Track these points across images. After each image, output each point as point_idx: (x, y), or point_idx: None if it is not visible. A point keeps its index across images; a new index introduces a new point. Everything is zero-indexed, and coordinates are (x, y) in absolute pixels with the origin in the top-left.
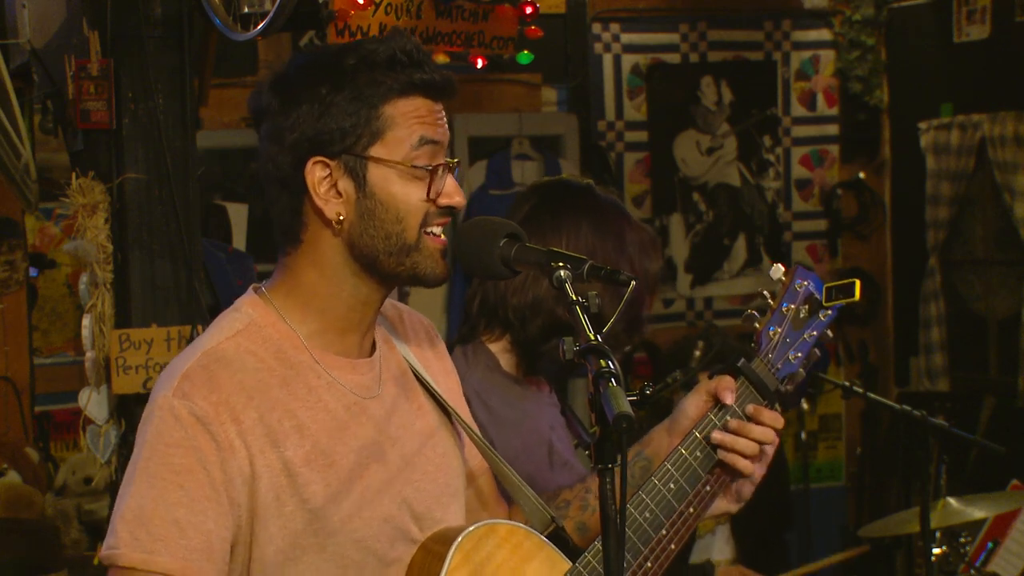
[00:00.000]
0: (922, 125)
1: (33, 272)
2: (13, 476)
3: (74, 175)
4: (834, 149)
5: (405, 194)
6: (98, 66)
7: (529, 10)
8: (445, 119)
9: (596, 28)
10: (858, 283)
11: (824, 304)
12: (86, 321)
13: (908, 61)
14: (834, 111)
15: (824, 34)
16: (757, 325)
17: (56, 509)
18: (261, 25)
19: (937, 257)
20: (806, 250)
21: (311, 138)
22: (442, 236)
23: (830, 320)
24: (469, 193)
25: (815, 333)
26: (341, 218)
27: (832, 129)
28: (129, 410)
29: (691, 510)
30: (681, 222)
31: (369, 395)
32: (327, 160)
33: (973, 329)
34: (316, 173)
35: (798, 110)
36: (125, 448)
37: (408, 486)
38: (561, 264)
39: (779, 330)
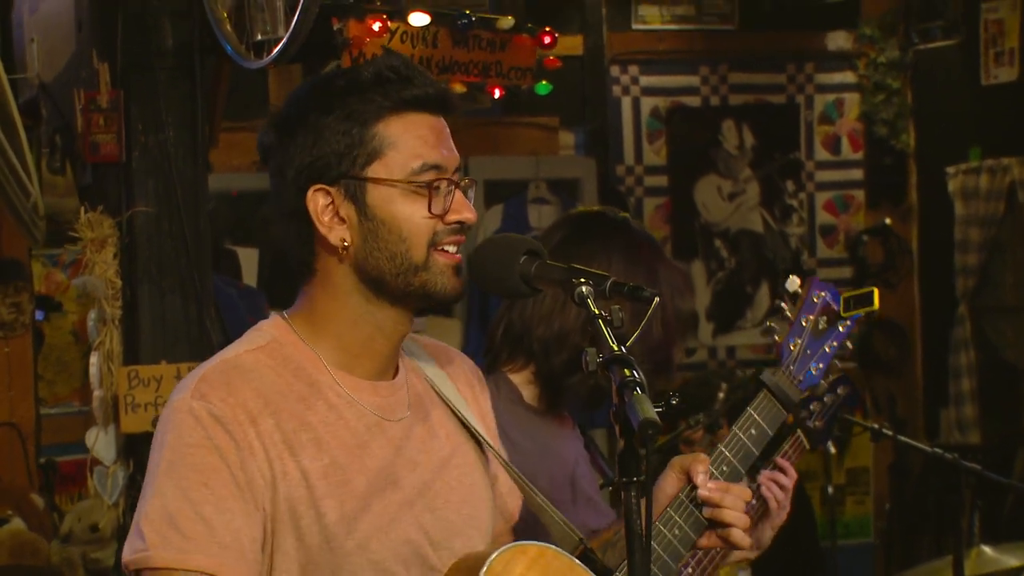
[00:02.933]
0: (950, 169)
1: (39, 315)
2: (18, 523)
3: (82, 209)
4: (859, 194)
5: (407, 213)
6: (108, 98)
7: (547, 40)
8: (448, 135)
9: (614, 70)
10: (875, 291)
11: (842, 315)
12: (94, 359)
13: (935, 104)
14: (859, 155)
15: (848, 77)
16: (777, 338)
17: (62, 557)
18: (274, 52)
19: (967, 304)
20: None
21: (309, 166)
22: (456, 253)
23: (849, 330)
24: (485, 235)
25: (835, 344)
26: (346, 243)
27: (857, 174)
28: (137, 450)
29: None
30: (703, 269)
31: (390, 417)
32: (327, 187)
33: (1005, 378)
34: (318, 201)
35: (822, 154)
36: (133, 489)
37: (427, 512)
38: (583, 280)
39: (799, 342)
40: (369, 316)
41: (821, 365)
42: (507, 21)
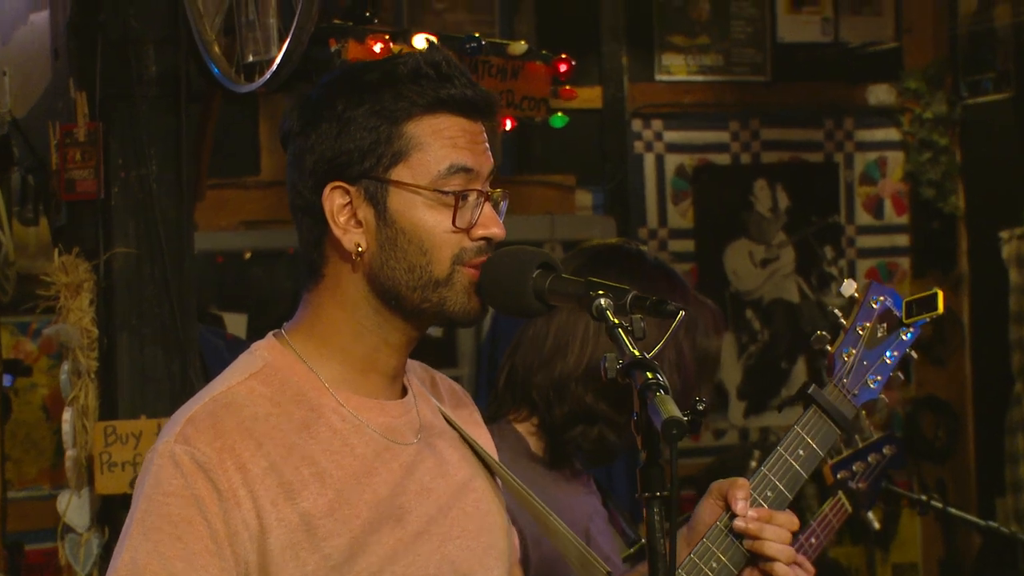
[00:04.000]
0: (1003, 234)
1: (7, 380)
2: None
3: (56, 252)
4: (904, 262)
5: (430, 223)
6: (85, 130)
7: (563, 68)
8: (486, 142)
9: (636, 125)
10: (940, 293)
11: (904, 321)
12: (67, 415)
13: (986, 163)
14: (904, 219)
15: (891, 133)
16: (828, 347)
17: None
18: (267, 73)
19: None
20: None
21: (329, 160)
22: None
23: (912, 339)
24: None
25: (896, 354)
26: (361, 249)
27: (902, 239)
28: (114, 515)
29: None
30: (733, 342)
31: (400, 440)
32: (346, 186)
33: None
34: (335, 200)
35: (863, 218)
36: (108, 558)
37: (449, 543)
38: (601, 292)
39: (854, 352)
40: (377, 329)
41: (879, 377)
42: (519, 46)
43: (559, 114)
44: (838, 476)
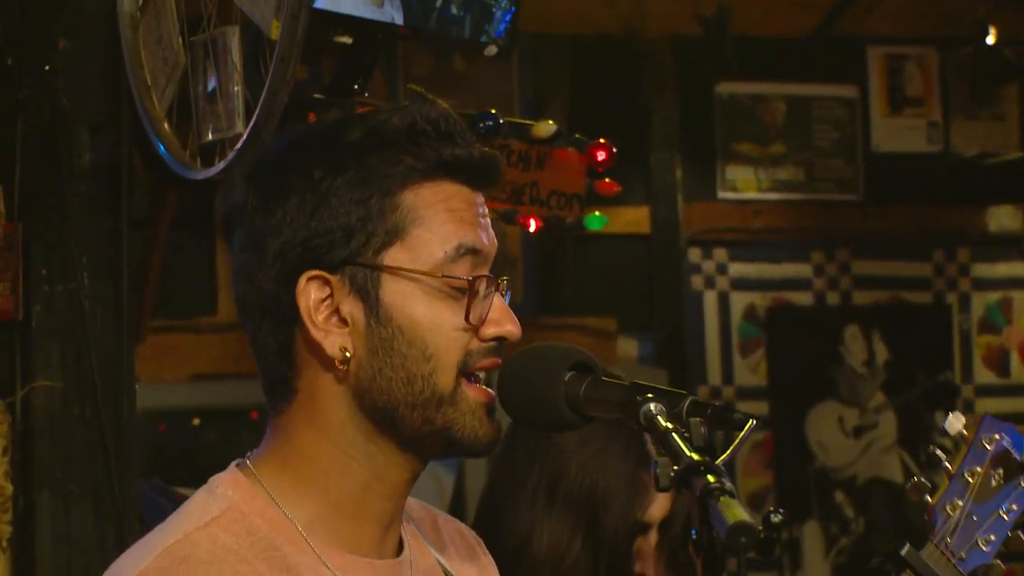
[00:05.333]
0: None
1: None
2: None
3: None
4: None
5: (435, 319)
6: (2, 233)
7: (602, 156)
8: (487, 216)
9: (694, 255)
10: None
11: None
12: None
13: None
14: None
15: (1018, 268)
16: (929, 498)
17: None
18: (230, 155)
19: None
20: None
21: (303, 243)
22: (487, 388)
23: None
24: None
25: (1015, 508)
26: (347, 355)
27: None
28: None
29: None
30: (819, 533)
31: None
32: (326, 275)
33: None
34: (311, 294)
35: (984, 375)
36: None
37: None
38: (650, 396)
39: (961, 504)
40: (367, 461)
41: (993, 537)
42: (547, 127)
43: (596, 213)
44: None
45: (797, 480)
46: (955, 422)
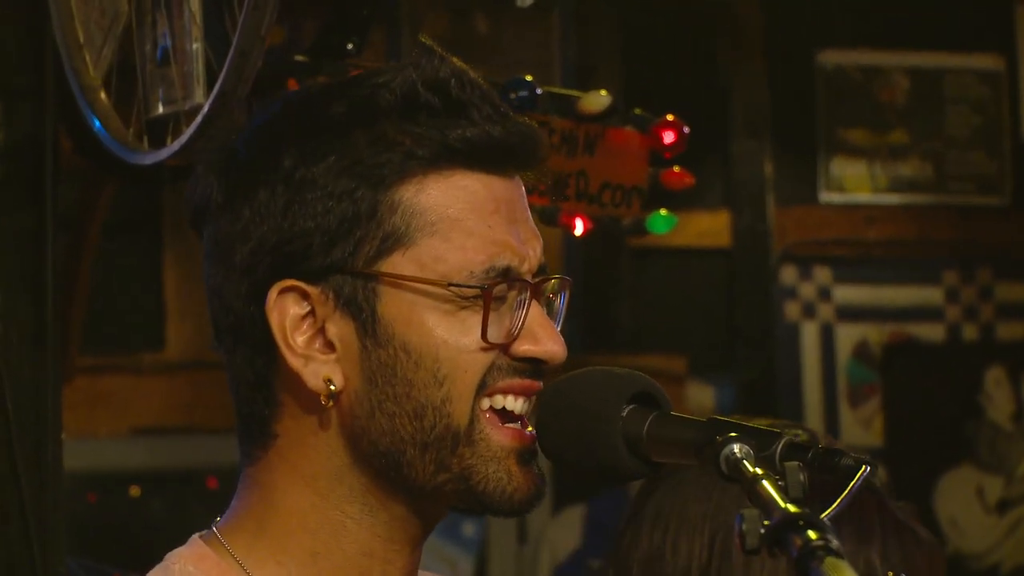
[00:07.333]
0: None
1: None
2: None
3: None
4: None
5: (448, 336)
6: None
7: (670, 138)
8: (525, 209)
9: (788, 275)
10: None
11: None
12: None
13: None
14: None
15: None
16: None
17: None
18: (186, 132)
19: None
20: None
21: (275, 248)
22: (525, 428)
23: None
24: (554, 562)
25: None
26: (334, 388)
27: None
28: None
29: None
30: None
31: None
32: (304, 286)
33: None
34: (287, 310)
35: None
36: None
37: None
38: (734, 435)
39: None
40: (366, 518)
41: None
42: (599, 99)
43: (663, 212)
44: None
45: None
46: None
